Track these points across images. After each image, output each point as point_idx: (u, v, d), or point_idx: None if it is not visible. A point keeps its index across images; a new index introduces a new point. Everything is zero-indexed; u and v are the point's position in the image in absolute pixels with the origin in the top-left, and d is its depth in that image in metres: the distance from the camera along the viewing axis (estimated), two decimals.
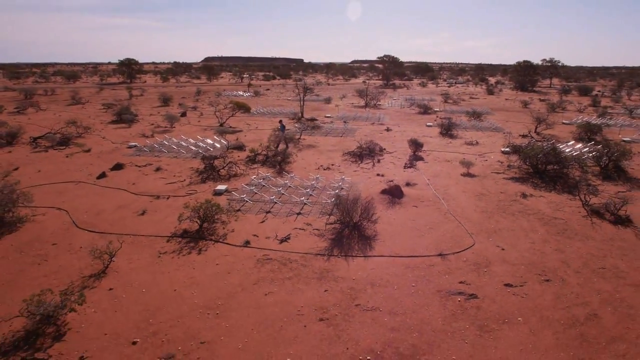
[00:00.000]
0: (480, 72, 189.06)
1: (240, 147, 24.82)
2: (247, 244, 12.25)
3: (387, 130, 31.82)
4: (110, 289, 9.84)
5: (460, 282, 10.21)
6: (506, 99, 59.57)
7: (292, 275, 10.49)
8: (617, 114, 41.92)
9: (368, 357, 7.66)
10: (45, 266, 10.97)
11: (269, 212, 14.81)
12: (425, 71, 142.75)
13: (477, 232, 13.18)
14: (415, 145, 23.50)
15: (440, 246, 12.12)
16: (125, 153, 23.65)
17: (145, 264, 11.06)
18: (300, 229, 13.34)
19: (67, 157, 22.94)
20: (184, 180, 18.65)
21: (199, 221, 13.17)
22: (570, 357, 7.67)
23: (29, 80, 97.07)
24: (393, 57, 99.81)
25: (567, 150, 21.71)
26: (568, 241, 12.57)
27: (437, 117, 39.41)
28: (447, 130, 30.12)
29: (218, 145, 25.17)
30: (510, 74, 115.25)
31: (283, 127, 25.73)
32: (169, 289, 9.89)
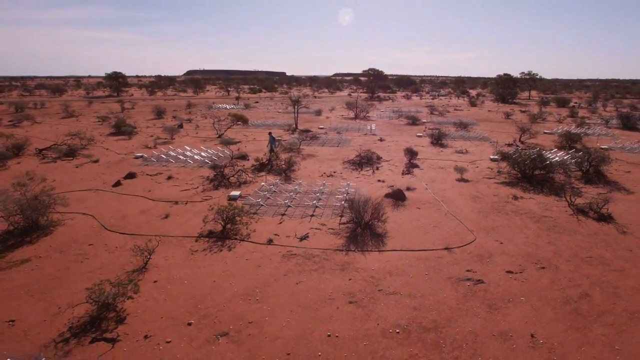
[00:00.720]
0: (460, 85, 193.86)
1: (243, 157, 25.94)
2: (270, 242, 13.39)
3: (381, 140, 33.31)
4: (155, 281, 10.86)
5: (467, 271, 11.52)
6: (489, 111, 61.92)
7: (317, 268, 11.67)
8: (595, 124, 44.28)
9: (397, 330, 8.87)
10: (88, 264, 11.94)
11: (284, 214, 15.97)
12: (407, 84, 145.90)
13: (477, 229, 14.56)
14: (411, 153, 24.95)
15: (445, 241, 13.45)
16: (133, 163, 24.54)
17: (180, 261, 12.11)
18: (316, 228, 14.53)
19: (77, 167, 23.73)
20: (197, 187, 19.69)
21: (222, 222, 14.25)
22: (567, 327, 9.01)
23: (13, 93, 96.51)
24: (377, 70, 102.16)
25: (551, 157, 23.36)
26: (558, 235, 14.03)
27: (426, 127, 41.14)
28: (438, 139, 31.74)
29: (222, 155, 26.21)
30: (490, 86, 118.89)
31: (273, 139, 26.46)
32: (208, 280, 10.97)
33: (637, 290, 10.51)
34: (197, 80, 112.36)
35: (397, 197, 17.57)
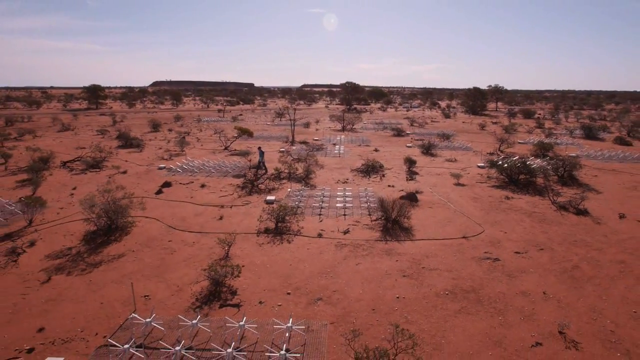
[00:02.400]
0: (429, 96, 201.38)
1: (260, 166, 28.57)
2: (320, 235, 16.25)
3: (376, 150, 36.60)
4: (243, 266, 13.52)
5: (485, 252, 14.71)
6: (463, 122, 66.47)
7: (367, 254, 14.61)
8: (561, 134, 49.06)
9: (446, 293, 11.90)
10: (178, 255, 14.49)
11: (320, 214, 18.83)
12: (380, 96, 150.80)
13: (483, 223, 17.85)
14: (410, 162, 28.27)
15: (461, 232, 16.65)
16: (160, 174, 26.82)
17: (253, 251, 14.82)
18: (352, 225, 17.48)
19: (109, 178, 25.83)
20: (232, 193, 22.29)
21: (275, 221, 17.02)
22: (568, 287, 12.26)
23: None
24: (354, 83, 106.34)
25: (531, 164, 27.11)
26: (548, 226, 17.48)
27: (412, 138, 44.80)
28: (428, 149, 35.28)
29: (239, 165, 28.80)
30: (458, 98, 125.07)
31: (262, 154, 27.41)
32: (285, 264, 13.74)
33: (613, 262, 13.94)
34: (177, 92, 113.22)
35: (411, 198, 20.72)
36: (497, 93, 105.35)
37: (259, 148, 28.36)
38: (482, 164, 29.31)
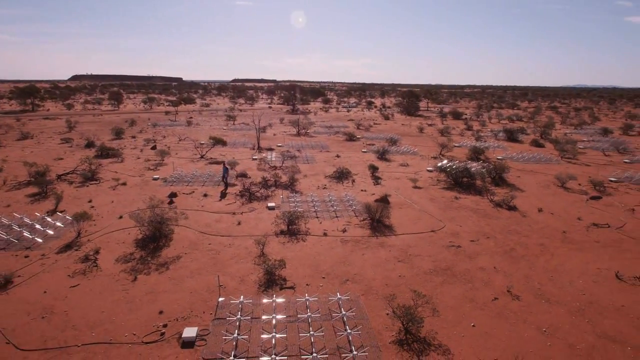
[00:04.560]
0: (362, 93, 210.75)
1: (244, 175, 32.68)
2: (325, 234, 21.03)
3: (338, 156, 41.71)
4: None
5: (450, 242, 20.26)
6: (402, 124, 73.52)
7: (366, 247, 19.62)
8: (487, 136, 57.05)
9: (431, 270, 17.19)
10: (224, 255, 18.63)
11: (317, 217, 23.57)
12: (317, 94, 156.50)
13: (443, 219, 23.49)
14: (373, 168, 33.67)
15: (429, 227, 22.15)
16: (157, 184, 30.11)
17: (279, 249, 19.28)
18: (346, 224, 22.41)
19: (113, 189, 28.76)
20: (235, 201, 26.34)
21: (286, 224, 21.55)
22: (510, 263, 18.01)
23: None
24: (296, 84, 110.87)
25: (470, 168, 33.50)
26: (489, 220, 23.47)
27: (364, 143, 50.45)
28: (382, 155, 40.96)
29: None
30: (389, 94, 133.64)
31: (226, 170, 29.42)
32: (309, 257, 18.37)
33: (536, 244, 19.99)
34: (117, 93, 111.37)
35: (384, 201, 26.01)
36: (428, 94, 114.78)
37: (224, 164, 30.87)
38: (431, 168, 35.35)
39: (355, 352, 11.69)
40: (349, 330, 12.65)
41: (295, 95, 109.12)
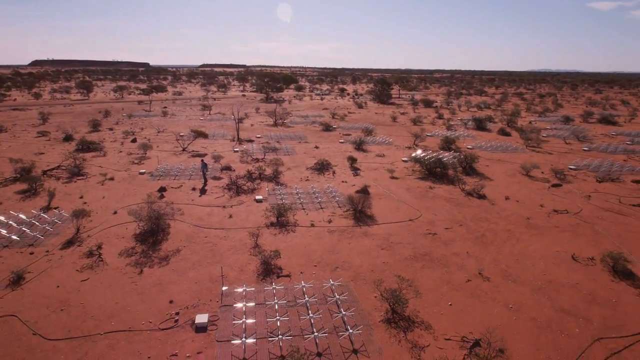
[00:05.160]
0: (334, 79, 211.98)
1: (229, 168, 33.88)
2: (313, 225, 22.68)
3: (316, 147, 43.23)
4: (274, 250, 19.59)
5: (427, 229, 22.24)
6: (376, 113, 75.46)
7: (352, 236, 21.39)
8: (457, 125, 59.60)
9: (412, 256, 19.10)
10: (220, 247, 20.05)
11: (303, 208, 25.17)
12: (290, 81, 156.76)
13: (419, 208, 25.48)
14: (352, 160, 35.40)
15: (407, 216, 24.08)
16: (145, 179, 31.02)
17: (272, 240, 20.83)
18: (331, 215, 24.11)
19: (101, 185, 29.55)
20: (223, 195, 27.63)
21: (276, 216, 23.07)
22: (480, 247, 20.11)
23: None
24: (270, 72, 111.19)
25: (442, 158, 35.64)
26: (461, 208, 25.59)
27: (340, 133, 52.09)
28: (359, 146, 42.72)
29: (211, 167, 33.75)
30: (361, 81, 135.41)
31: (205, 165, 30.13)
32: (299, 247, 20.00)
33: (504, 230, 22.19)
34: (88, 82, 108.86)
35: (365, 192, 27.80)
36: (400, 81, 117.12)
37: (202, 160, 31.20)
38: (406, 159, 37.34)
39: (351, 331, 13.45)
40: (343, 312, 14.40)
41: (269, 83, 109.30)
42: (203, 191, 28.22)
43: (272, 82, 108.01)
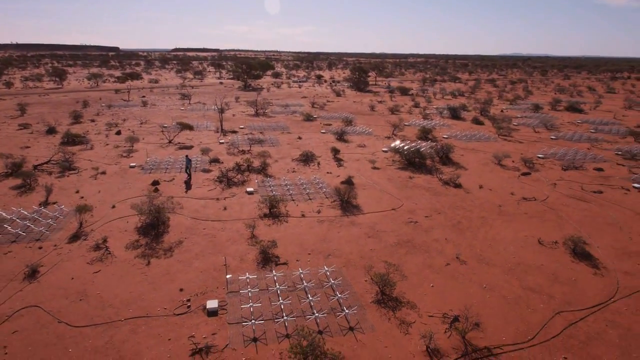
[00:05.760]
0: (310, 65, 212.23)
1: (217, 160, 35.13)
2: (303, 215, 24.36)
3: (299, 138, 44.70)
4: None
5: (408, 218, 24.22)
6: (354, 101, 77.11)
7: (341, 225, 23.18)
8: (433, 113, 61.84)
9: (396, 243, 21.03)
10: (219, 238, 21.55)
11: (293, 200, 26.80)
12: (267, 67, 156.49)
13: (401, 198, 27.43)
14: (335, 151, 37.08)
15: (390, 205, 26.00)
16: (137, 172, 32.03)
17: (266, 230, 22.44)
18: (319, 206, 25.82)
19: (95, 179, 30.46)
20: (215, 187, 28.99)
21: (269, 207, 24.65)
22: (457, 234, 22.20)
23: None
24: (248, 61, 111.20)
25: (420, 148, 37.67)
26: (439, 197, 27.67)
27: (321, 123, 53.61)
28: (341, 136, 44.40)
29: (199, 159, 34.95)
30: (337, 67, 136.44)
31: (189, 161, 30.63)
32: (293, 237, 21.68)
33: (478, 217, 24.34)
34: (61, 70, 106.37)
35: (349, 183, 29.57)
36: (376, 68, 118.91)
37: (187, 156, 31.62)
38: (386, 149, 39.24)
39: (347, 311, 15.29)
40: (339, 295, 16.23)
41: (247, 71, 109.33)
42: (189, 186, 29.09)
43: (249, 69, 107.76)
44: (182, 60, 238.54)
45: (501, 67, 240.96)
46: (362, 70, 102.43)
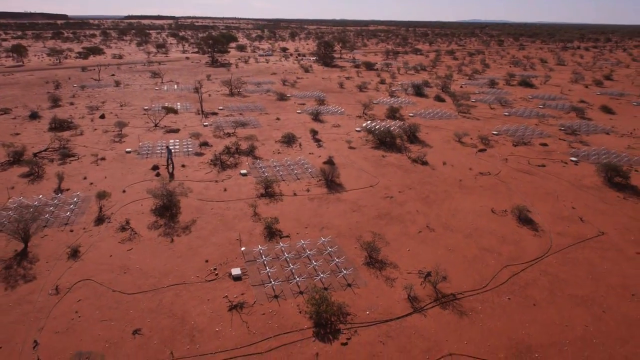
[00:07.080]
0: (272, 36, 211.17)
1: (206, 144, 38.17)
2: (295, 194, 28.23)
3: (278, 119, 47.97)
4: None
5: (385, 193, 28.49)
6: (323, 78, 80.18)
7: (329, 202, 27.18)
8: (398, 90, 66.04)
9: (377, 216, 25.30)
10: (227, 216, 25.12)
11: (284, 180, 30.56)
12: (231, 40, 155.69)
13: (376, 175, 31.65)
14: (313, 132, 40.76)
15: (368, 183, 30.19)
16: (134, 157, 34.77)
17: (266, 209, 26.19)
18: (308, 185, 29.70)
19: (97, 165, 33.11)
20: (211, 170, 32.29)
21: (264, 188, 28.33)
22: (427, 207, 26.65)
23: None
24: (215, 36, 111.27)
25: (390, 127, 41.82)
26: (410, 174, 32.09)
27: (295, 103, 56.83)
28: (316, 116, 47.97)
29: (190, 143, 37.89)
30: (300, 36, 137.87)
31: (170, 151, 31.71)
32: (290, 213, 25.51)
33: (443, 191, 28.86)
34: (20, 46, 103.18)
35: (331, 163, 33.51)
36: (341, 41, 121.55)
37: (167, 147, 32.39)
38: (359, 129, 43.22)
39: (344, 272, 19.49)
40: (336, 260, 20.40)
41: (213, 45, 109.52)
42: (172, 175, 30.91)
43: (215, 43, 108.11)
44: (138, 30, 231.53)
45: (460, 36, 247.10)
46: (328, 44, 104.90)
